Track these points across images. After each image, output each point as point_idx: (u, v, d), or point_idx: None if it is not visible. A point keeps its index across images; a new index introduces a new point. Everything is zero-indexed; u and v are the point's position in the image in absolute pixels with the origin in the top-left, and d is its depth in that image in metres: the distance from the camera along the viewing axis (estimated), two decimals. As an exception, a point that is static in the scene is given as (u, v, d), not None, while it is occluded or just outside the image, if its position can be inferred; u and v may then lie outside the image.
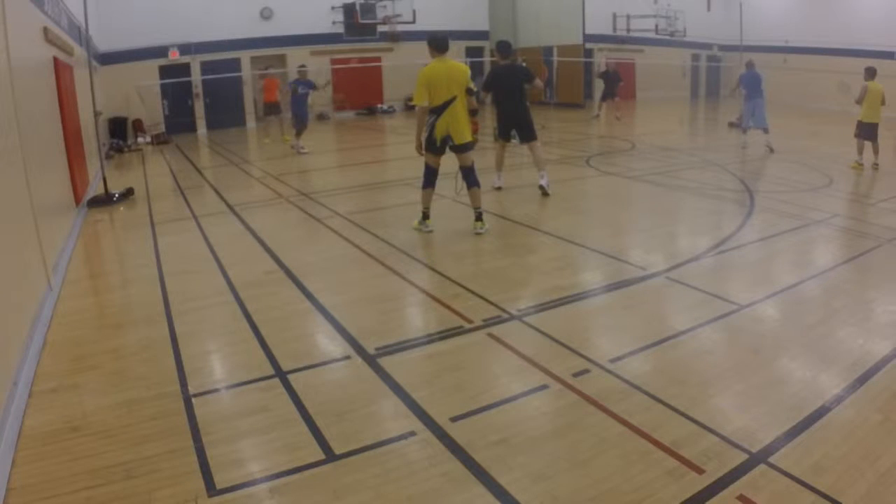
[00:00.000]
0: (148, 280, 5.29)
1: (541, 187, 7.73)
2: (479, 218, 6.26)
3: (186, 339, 4.07)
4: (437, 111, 5.91)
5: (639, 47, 23.59)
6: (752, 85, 11.43)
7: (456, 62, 6.08)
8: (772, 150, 11.02)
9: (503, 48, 8.00)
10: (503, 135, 8.20)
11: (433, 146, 6.05)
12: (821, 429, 2.85)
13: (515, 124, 7.94)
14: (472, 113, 6.09)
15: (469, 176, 6.20)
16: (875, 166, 9.23)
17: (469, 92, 5.93)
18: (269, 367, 3.61)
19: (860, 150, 9.46)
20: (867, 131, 9.41)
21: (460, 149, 6.08)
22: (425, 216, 6.40)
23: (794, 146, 11.89)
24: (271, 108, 14.47)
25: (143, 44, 16.88)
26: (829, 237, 6.11)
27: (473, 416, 3.05)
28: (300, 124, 12.48)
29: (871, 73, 9.59)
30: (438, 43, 5.94)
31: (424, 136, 6.04)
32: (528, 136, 7.84)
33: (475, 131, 6.42)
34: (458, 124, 5.94)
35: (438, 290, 4.81)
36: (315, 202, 8.11)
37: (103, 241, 7.21)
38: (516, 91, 7.75)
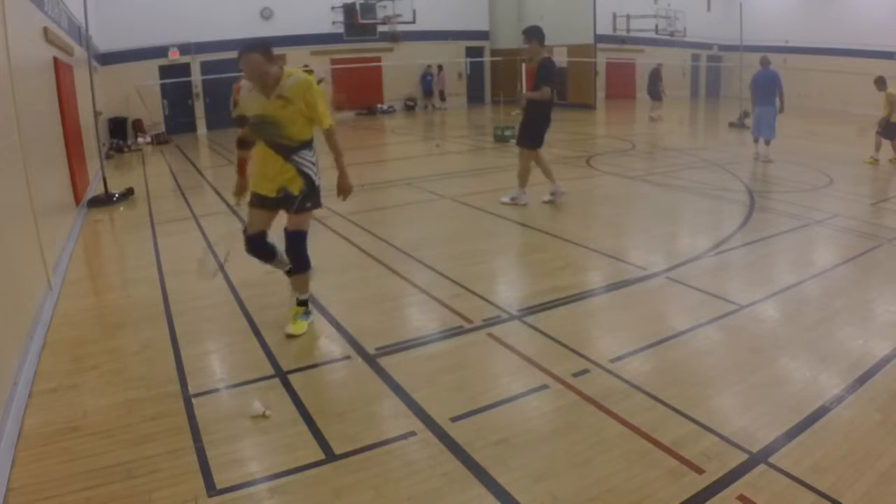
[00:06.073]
0: (148, 280, 5.29)
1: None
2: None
3: (186, 339, 4.07)
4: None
5: (639, 47, 23.60)
6: (763, 87, 10.26)
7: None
8: (762, 159, 10.35)
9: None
10: None
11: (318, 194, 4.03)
12: (821, 429, 2.85)
13: None
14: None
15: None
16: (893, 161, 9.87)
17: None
18: (269, 367, 3.62)
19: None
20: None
21: None
22: (305, 305, 4.16)
23: (794, 146, 11.89)
24: None
25: (143, 44, 16.89)
26: (829, 237, 6.10)
27: (473, 416, 3.05)
28: None
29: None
30: None
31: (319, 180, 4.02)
32: None
33: None
34: None
35: (438, 290, 4.80)
36: (315, 202, 8.09)
37: (103, 241, 7.21)
38: None
